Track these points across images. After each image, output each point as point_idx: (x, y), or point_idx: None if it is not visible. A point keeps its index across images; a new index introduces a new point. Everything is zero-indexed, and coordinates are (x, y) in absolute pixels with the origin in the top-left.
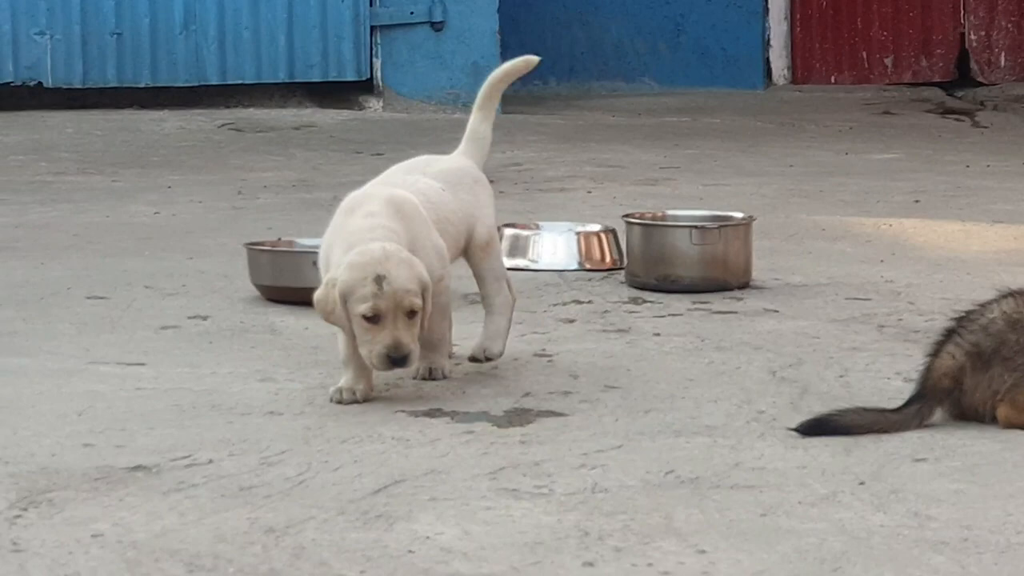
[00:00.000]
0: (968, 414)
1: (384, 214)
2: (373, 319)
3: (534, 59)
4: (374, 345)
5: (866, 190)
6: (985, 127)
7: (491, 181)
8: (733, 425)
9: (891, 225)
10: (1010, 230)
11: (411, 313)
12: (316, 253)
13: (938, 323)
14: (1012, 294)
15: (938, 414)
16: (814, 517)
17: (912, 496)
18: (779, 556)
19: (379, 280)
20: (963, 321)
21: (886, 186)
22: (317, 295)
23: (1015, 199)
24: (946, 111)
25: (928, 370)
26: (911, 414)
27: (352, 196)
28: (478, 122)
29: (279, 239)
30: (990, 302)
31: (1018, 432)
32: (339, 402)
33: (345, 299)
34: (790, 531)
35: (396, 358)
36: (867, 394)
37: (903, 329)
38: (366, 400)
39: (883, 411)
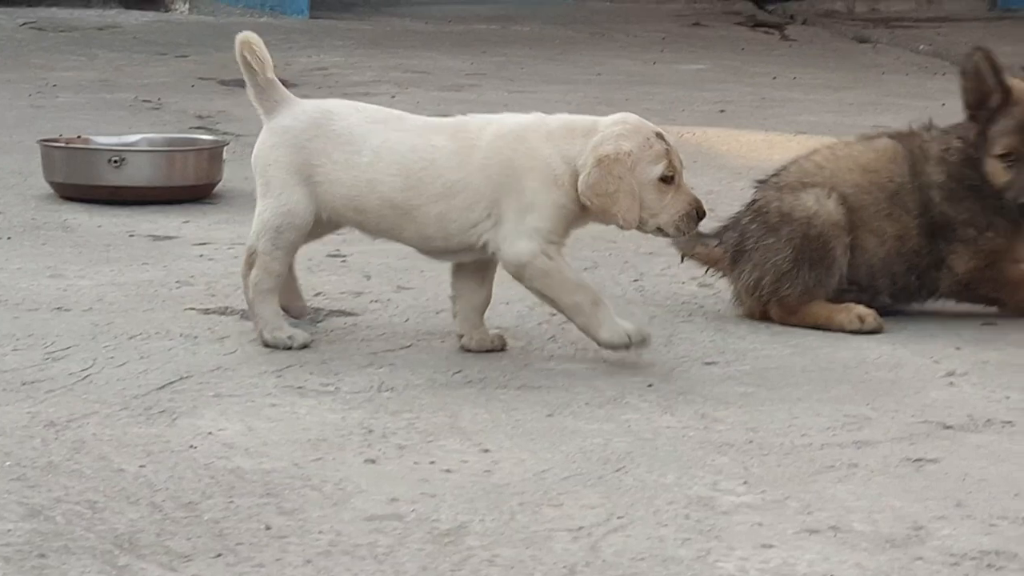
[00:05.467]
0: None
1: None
2: (671, 179)
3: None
4: (675, 206)
5: (673, 99)
6: (793, 40)
7: (295, 85)
8: (525, 327)
9: (695, 134)
10: (812, 141)
11: None
12: (112, 151)
13: None
14: (770, 184)
15: None
16: (600, 418)
17: (699, 399)
18: (563, 455)
19: (661, 136)
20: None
21: (692, 96)
22: (589, 179)
23: (819, 111)
24: (756, 24)
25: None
26: None
27: (507, 128)
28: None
29: (78, 136)
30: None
31: (808, 337)
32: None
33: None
34: (575, 431)
35: (703, 213)
36: (661, 298)
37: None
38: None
39: None
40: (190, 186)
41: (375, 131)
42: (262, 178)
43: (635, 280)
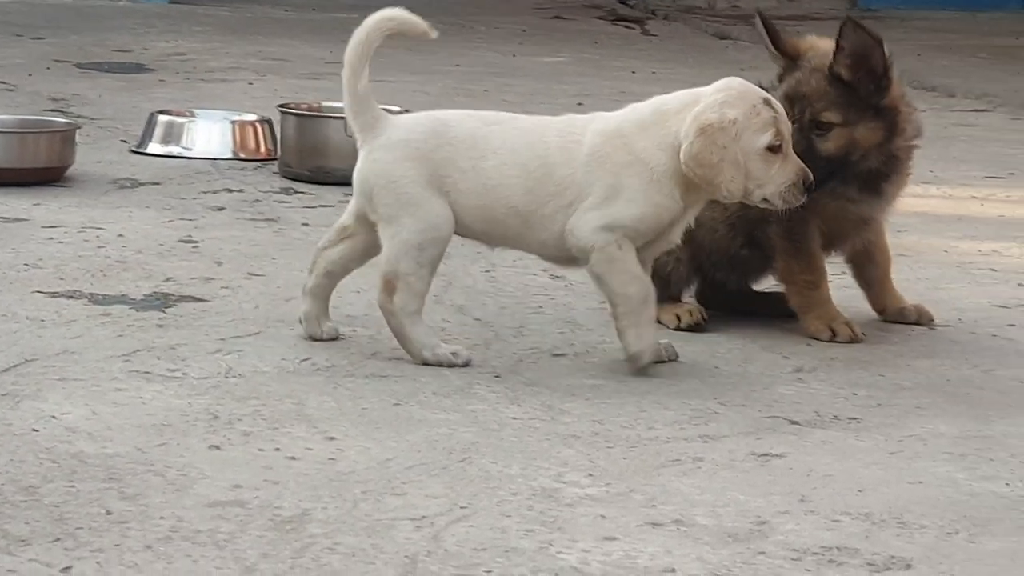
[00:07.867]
0: None
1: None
2: (778, 148)
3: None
4: (782, 176)
5: (531, 91)
6: (654, 35)
7: (152, 70)
8: (374, 315)
9: None
10: None
11: None
12: None
13: None
14: None
15: None
16: (447, 408)
17: (547, 390)
18: (408, 445)
19: (769, 103)
20: None
21: (551, 88)
22: (691, 149)
23: None
24: (617, 18)
25: None
26: None
27: (606, 124)
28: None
29: None
30: None
31: (659, 331)
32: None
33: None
34: (422, 421)
35: (810, 183)
36: (512, 289)
37: None
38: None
39: None
40: (41, 168)
41: (495, 133)
42: (390, 198)
43: (487, 271)
